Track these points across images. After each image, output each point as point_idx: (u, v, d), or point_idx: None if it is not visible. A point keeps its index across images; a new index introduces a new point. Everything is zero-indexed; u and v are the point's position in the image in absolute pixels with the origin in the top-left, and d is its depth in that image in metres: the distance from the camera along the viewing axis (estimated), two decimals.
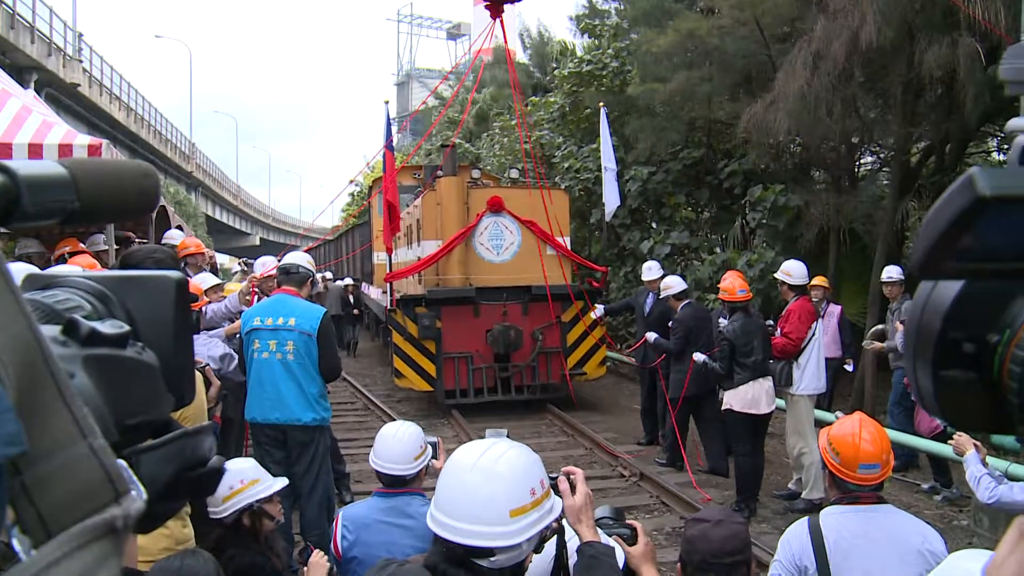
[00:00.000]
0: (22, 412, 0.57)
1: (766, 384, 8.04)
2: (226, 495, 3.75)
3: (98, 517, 0.59)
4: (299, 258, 6.56)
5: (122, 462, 0.65)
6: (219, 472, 0.85)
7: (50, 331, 0.71)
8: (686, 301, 9.77)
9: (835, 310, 10.71)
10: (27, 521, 0.58)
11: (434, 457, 4.05)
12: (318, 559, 3.58)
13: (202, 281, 7.40)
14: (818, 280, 10.45)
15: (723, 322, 8.59)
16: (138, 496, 0.64)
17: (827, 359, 10.17)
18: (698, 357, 8.76)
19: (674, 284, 9.80)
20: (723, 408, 8.28)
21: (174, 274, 0.87)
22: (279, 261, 6.96)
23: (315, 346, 6.02)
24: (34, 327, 0.60)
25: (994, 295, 0.72)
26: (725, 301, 8.36)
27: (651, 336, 9.94)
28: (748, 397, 7.98)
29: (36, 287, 0.83)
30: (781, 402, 8.68)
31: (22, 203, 0.68)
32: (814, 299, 10.17)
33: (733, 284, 8.21)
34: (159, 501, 0.76)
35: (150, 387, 0.78)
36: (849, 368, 10.90)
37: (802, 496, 8.26)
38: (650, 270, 10.83)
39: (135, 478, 0.66)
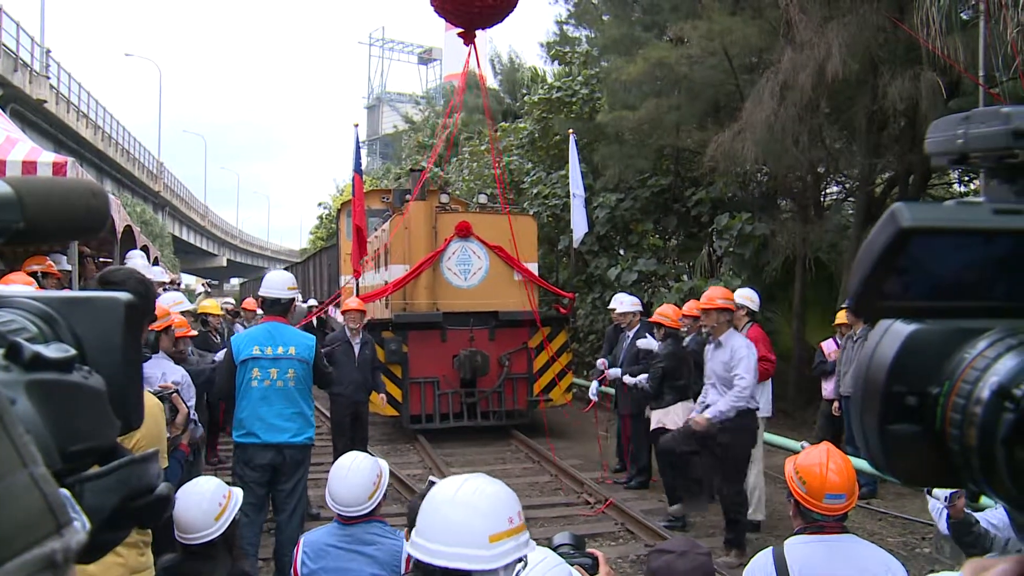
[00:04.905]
0: None
1: (690, 405, 8.35)
2: (217, 514, 3.70)
3: (37, 551, 0.56)
4: (278, 285, 6.68)
5: (65, 491, 0.63)
6: (166, 500, 0.82)
7: None
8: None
9: None
10: None
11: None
12: None
13: (172, 302, 7.40)
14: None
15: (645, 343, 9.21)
16: (81, 527, 0.61)
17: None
18: (628, 380, 9.22)
19: (628, 301, 10.03)
20: (654, 427, 8.55)
21: (123, 295, 0.84)
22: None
23: (311, 372, 6.44)
24: None
25: (935, 348, 0.73)
26: (664, 325, 8.79)
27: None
28: (679, 416, 8.30)
29: None
30: None
31: None
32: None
33: (674, 312, 8.82)
34: (104, 531, 0.74)
35: (96, 413, 0.75)
36: None
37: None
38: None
39: (78, 508, 0.63)
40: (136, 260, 9.97)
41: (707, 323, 7.48)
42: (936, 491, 4.58)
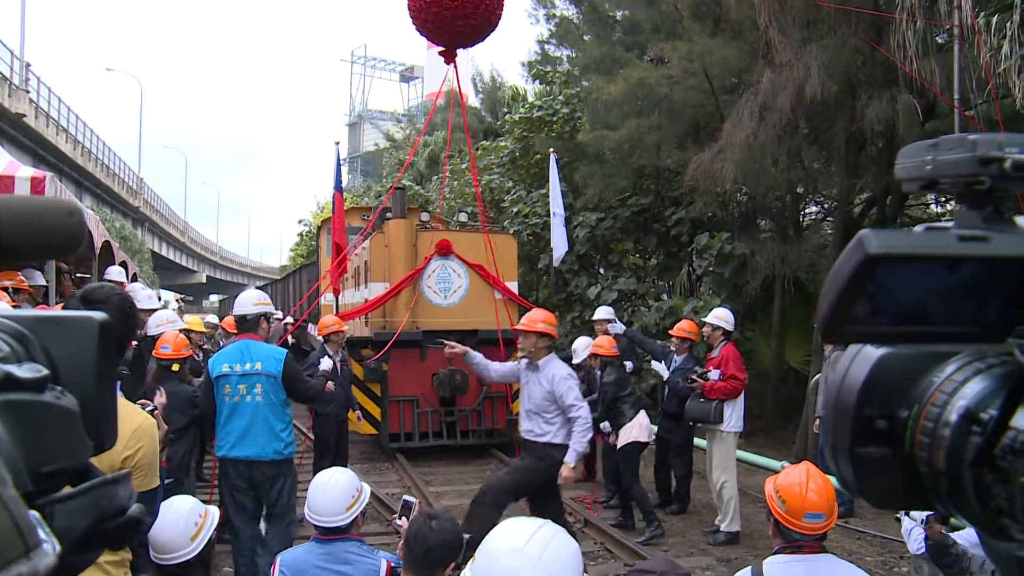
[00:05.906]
0: None
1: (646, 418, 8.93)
2: (193, 533, 3.68)
3: (3, 574, 0.56)
4: (245, 302, 6.84)
5: (35, 513, 0.62)
6: (138, 521, 0.82)
7: None
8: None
9: None
10: None
11: (403, 516, 3.97)
12: None
13: (165, 320, 7.59)
14: None
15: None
16: (50, 550, 0.61)
17: None
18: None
19: (580, 347, 9.90)
20: (623, 444, 8.78)
21: (98, 315, 0.84)
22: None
23: (280, 386, 6.52)
24: None
25: (904, 372, 0.74)
26: (601, 356, 9.05)
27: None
28: (644, 425, 8.80)
29: None
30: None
31: None
32: None
33: (608, 342, 9.20)
34: (74, 553, 0.73)
35: (68, 433, 0.74)
36: None
37: (721, 529, 8.59)
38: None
39: (48, 530, 0.63)
40: (113, 276, 9.91)
41: (525, 346, 6.82)
42: (913, 513, 4.60)
